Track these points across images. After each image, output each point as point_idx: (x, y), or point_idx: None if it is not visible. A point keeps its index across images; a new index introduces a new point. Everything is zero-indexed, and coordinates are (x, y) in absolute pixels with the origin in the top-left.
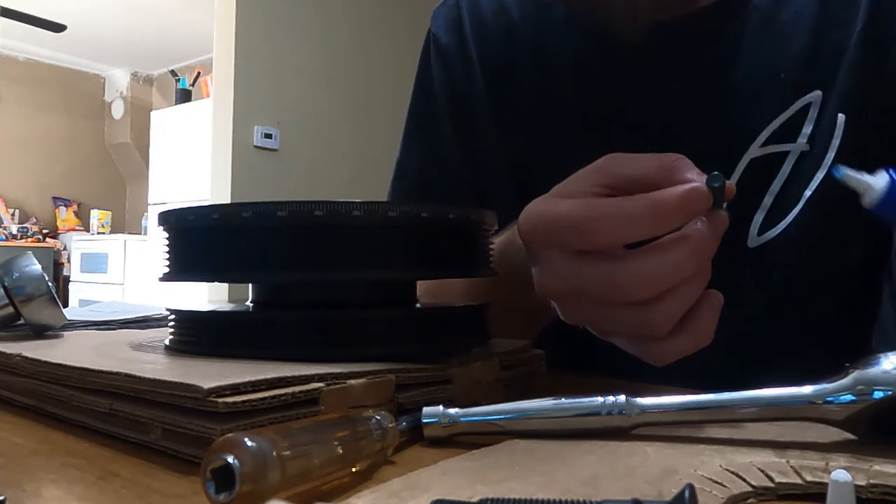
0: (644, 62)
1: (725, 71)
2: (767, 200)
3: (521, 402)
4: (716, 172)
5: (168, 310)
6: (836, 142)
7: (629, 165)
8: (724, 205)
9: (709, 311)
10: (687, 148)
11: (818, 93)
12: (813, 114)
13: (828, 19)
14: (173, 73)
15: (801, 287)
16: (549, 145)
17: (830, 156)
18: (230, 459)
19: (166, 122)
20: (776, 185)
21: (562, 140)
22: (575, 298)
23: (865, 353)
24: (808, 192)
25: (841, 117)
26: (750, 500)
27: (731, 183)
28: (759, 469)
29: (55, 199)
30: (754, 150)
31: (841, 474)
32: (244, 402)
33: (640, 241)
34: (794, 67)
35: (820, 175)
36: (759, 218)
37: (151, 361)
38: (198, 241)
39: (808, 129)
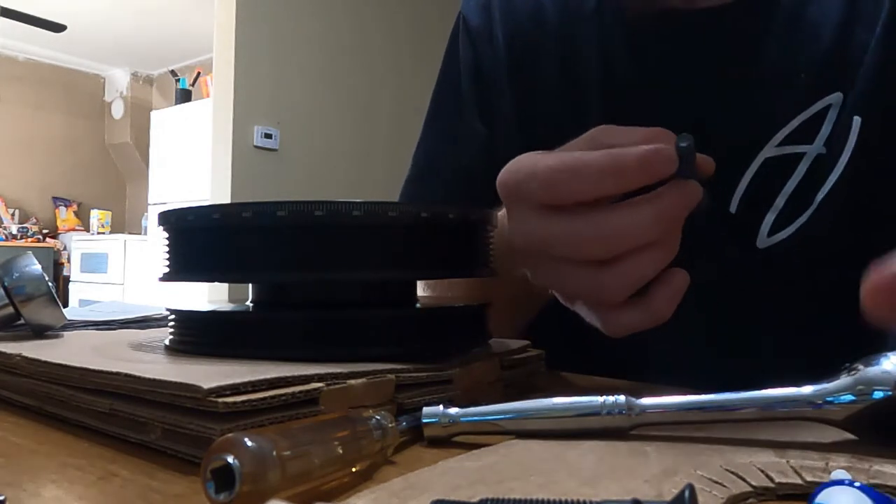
0: (667, 56)
1: (746, 68)
2: (780, 201)
3: (521, 402)
4: (683, 134)
5: (168, 310)
6: (850, 144)
7: (616, 136)
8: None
9: (668, 289)
10: (703, 142)
11: (839, 95)
12: (832, 116)
13: (853, 20)
14: (173, 73)
15: (809, 290)
16: (567, 134)
17: (844, 159)
18: (230, 459)
19: (166, 122)
20: (790, 187)
21: (580, 130)
22: (540, 255)
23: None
24: (820, 196)
25: (857, 120)
26: (750, 500)
27: (745, 181)
28: (759, 469)
29: (55, 199)
30: (770, 150)
31: (840, 474)
32: (244, 402)
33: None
34: (815, 68)
35: (833, 178)
36: (770, 218)
37: (151, 361)
38: (198, 241)
39: (826, 132)
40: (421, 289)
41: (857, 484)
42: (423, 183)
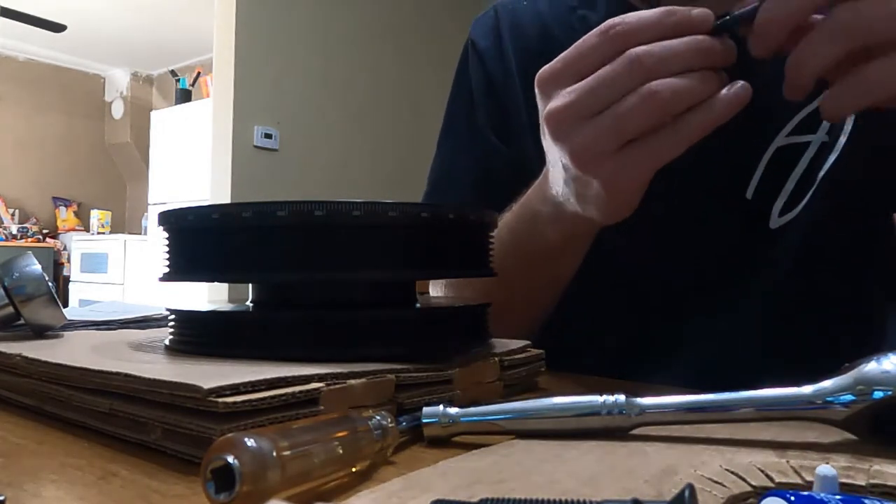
0: None
1: (753, 69)
2: (789, 185)
3: (521, 402)
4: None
5: (168, 310)
6: (847, 127)
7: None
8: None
9: (730, 91)
10: (719, 135)
11: None
12: None
13: None
14: (173, 73)
15: (815, 267)
16: None
17: (842, 140)
18: (230, 459)
19: (166, 122)
20: (797, 172)
21: None
22: (586, 100)
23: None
24: (820, 174)
25: None
26: (750, 501)
27: (760, 169)
28: (759, 469)
29: (55, 199)
30: (780, 140)
31: (825, 470)
32: (244, 402)
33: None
34: None
35: (832, 157)
36: (780, 202)
37: (151, 361)
38: (198, 241)
39: (826, 122)
40: (436, 289)
41: (792, 497)
42: (440, 195)
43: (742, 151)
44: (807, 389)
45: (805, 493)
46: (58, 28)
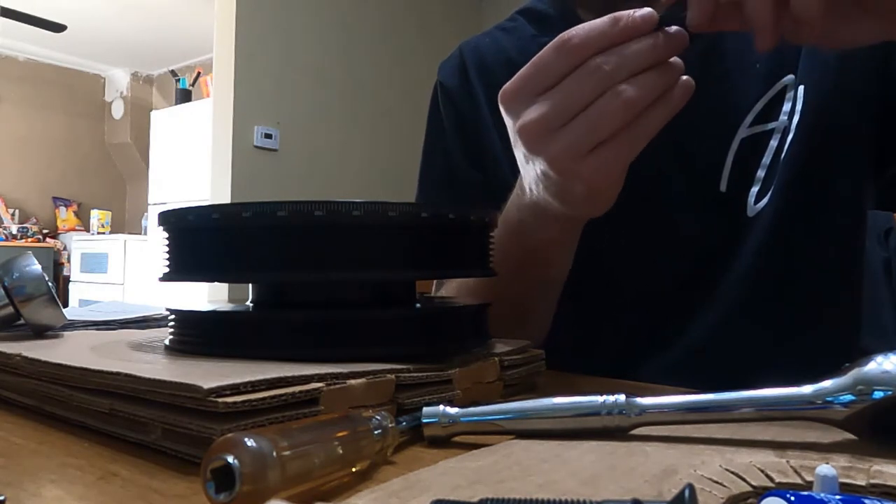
0: None
1: (709, 65)
2: (760, 173)
3: (521, 402)
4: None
5: (168, 310)
6: (798, 107)
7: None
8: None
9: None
10: (683, 132)
11: (791, 77)
12: (789, 94)
13: None
14: (173, 73)
15: (792, 244)
16: None
17: (795, 119)
18: (230, 459)
19: (166, 122)
20: (766, 160)
21: None
22: (556, 111)
23: (858, 346)
24: (783, 156)
25: (801, 88)
26: (750, 500)
27: (729, 162)
28: (759, 469)
29: (55, 199)
30: (743, 131)
31: (825, 470)
32: (244, 402)
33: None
34: (767, 57)
35: (789, 137)
36: (754, 190)
37: (151, 361)
38: (198, 241)
39: (786, 108)
40: (439, 290)
41: (792, 497)
42: None
43: (709, 148)
44: (807, 389)
45: (805, 493)
46: (58, 28)
